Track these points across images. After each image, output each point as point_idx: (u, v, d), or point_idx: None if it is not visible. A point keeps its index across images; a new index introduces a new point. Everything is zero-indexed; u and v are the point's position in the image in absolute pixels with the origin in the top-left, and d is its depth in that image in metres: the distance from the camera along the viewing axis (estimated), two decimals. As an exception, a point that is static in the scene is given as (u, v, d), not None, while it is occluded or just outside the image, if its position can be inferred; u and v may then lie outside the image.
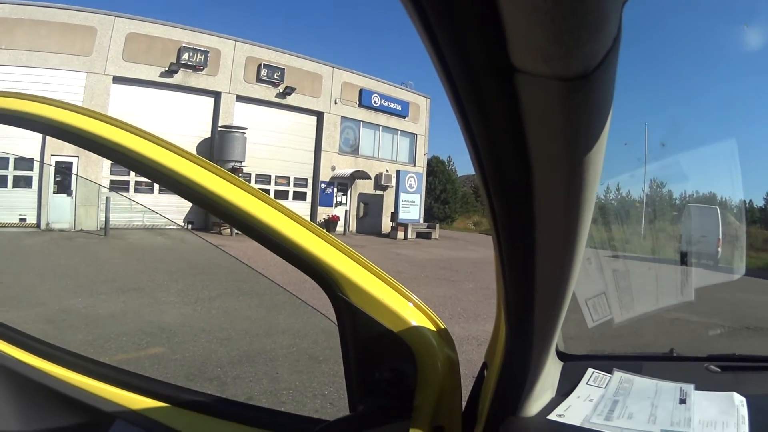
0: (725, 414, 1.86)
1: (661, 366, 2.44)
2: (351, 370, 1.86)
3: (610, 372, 2.22)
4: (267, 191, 37.46)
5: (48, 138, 27.49)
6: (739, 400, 1.95)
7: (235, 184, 1.91)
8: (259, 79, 39.62)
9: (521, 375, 1.69)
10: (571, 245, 1.19)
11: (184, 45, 35.95)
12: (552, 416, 1.82)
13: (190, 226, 34.20)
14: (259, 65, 39.75)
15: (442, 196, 68.36)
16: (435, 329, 1.86)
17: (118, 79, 33.86)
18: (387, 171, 47.61)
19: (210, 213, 2.11)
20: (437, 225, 49.67)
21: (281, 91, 40.75)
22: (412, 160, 51.72)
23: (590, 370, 2.19)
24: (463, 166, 78.92)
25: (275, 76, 40.23)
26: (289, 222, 1.87)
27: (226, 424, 2.13)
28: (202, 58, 36.60)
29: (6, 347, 2.49)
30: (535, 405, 1.83)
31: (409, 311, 1.85)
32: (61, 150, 30.00)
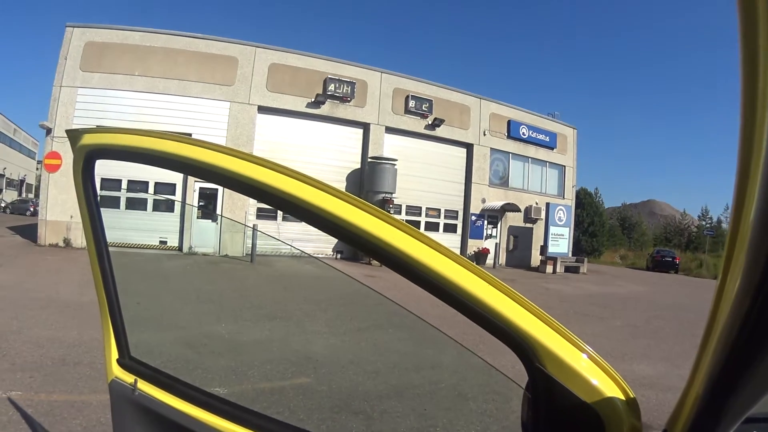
0: None
1: None
2: None
3: None
4: (418, 223, 37.94)
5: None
6: None
7: (382, 218, 1.86)
8: (407, 111, 40.01)
9: None
10: None
11: (329, 76, 36.52)
12: None
13: (339, 256, 34.52)
14: (407, 96, 40.15)
15: (590, 229, 67.62)
16: (624, 398, 1.71)
17: (263, 109, 34.84)
18: (536, 203, 47.46)
19: (354, 247, 2.00)
20: (585, 259, 49.32)
21: (430, 122, 41.06)
22: (561, 193, 51.41)
23: None
24: (610, 197, 78.70)
25: (423, 108, 40.57)
26: (476, 279, 1.77)
27: None
28: (349, 89, 37.20)
29: (156, 392, 2.55)
30: None
31: (601, 380, 1.71)
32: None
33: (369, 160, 37.48)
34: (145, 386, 2.58)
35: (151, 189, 31.69)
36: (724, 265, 1.13)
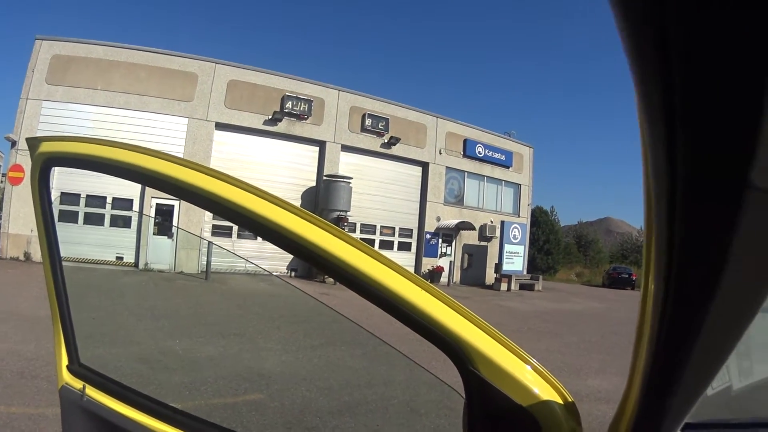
0: None
1: None
2: None
3: None
4: (372, 241, 37.99)
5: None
6: None
7: (336, 234, 1.90)
8: (363, 129, 40.12)
9: None
10: (742, 324, 1.09)
11: (287, 94, 36.54)
12: None
13: (293, 274, 34.46)
14: (364, 115, 40.27)
15: (546, 247, 67.98)
16: (562, 402, 1.78)
17: (220, 126, 34.74)
18: (491, 222, 47.69)
19: (309, 263, 2.00)
20: (540, 276, 49.64)
21: (386, 141, 41.16)
22: (516, 211, 51.68)
23: None
24: (566, 216, 79.39)
25: (380, 126, 40.67)
26: (404, 281, 1.81)
27: None
28: (306, 107, 37.21)
29: (105, 398, 2.56)
30: None
31: (537, 382, 1.77)
32: (161, 193, 30.74)
33: (324, 178, 37.42)
34: (94, 393, 2.59)
35: (108, 204, 31.46)
36: (644, 273, 1.17)
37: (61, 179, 25.17)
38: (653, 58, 0.62)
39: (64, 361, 2.74)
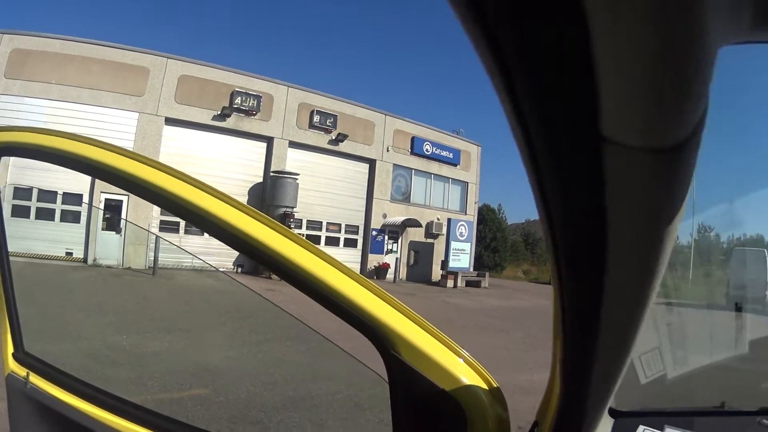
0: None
1: (713, 421, 2.49)
2: (401, 428, 1.83)
3: (661, 429, 2.21)
4: (318, 238, 37.83)
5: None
6: None
7: (280, 232, 1.92)
8: (311, 125, 39.98)
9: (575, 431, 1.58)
10: (639, 309, 1.12)
11: (237, 89, 36.33)
12: None
13: (239, 270, 34.31)
14: (312, 111, 40.16)
15: (492, 245, 68.09)
16: (487, 388, 1.82)
17: (170, 121, 34.42)
18: (438, 219, 47.67)
19: (254, 260, 2.06)
20: (487, 273, 49.71)
21: (333, 137, 41.09)
22: (463, 209, 51.80)
23: (641, 428, 2.18)
24: (514, 214, 78.96)
25: (328, 123, 40.64)
26: (338, 274, 1.84)
27: None
28: (255, 102, 37.00)
29: (49, 387, 2.54)
30: None
31: (462, 369, 1.80)
32: (111, 188, 30.34)
33: (271, 174, 37.30)
34: (38, 381, 2.60)
35: (59, 199, 31.10)
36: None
37: (15, 174, 24.95)
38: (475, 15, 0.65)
39: (10, 349, 2.75)
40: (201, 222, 1.91)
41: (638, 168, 0.75)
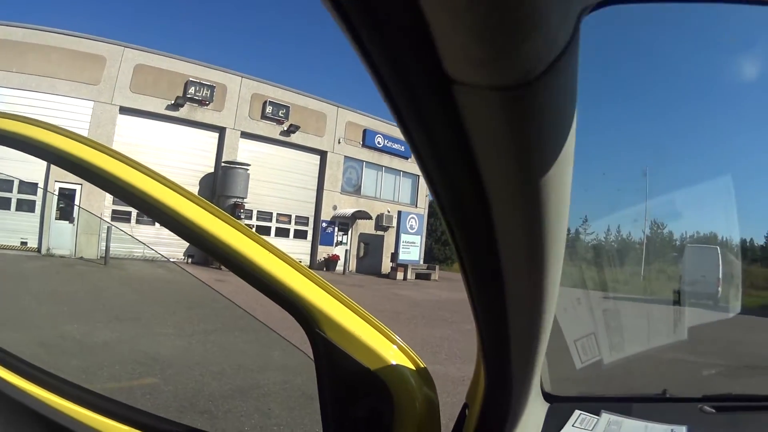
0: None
1: (653, 408, 2.39)
2: (327, 408, 1.82)
3: (598, 414, 2.16)
4: (268, 229, 37.77)
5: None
6: None
7: (217, 215, 1.90)
8: (264, 116, 39.88)
9: (502, 414, 1.64)
10: (541, 277, 1.15)
11: (191, 79, 36.15)
12: None
13: (190, 260, 34.15)
14: (265, 102, 40.14)
15: (443, 238, 67.96)
16: (414, 368, 1.80)
17: (124, 110, 34.11)
18: (388, 211, 47.69)
19: (199, 248, 2.02)
20: (437, 266, 49.67)
21: (285, 129, 41.01)
22: (414, 202, 51.92)
23: (577, 412, 2.13)
24: None
25: (280, 114, 40.57)
26: (268, 255, 1.84)
27: None
28: (209, 92, 36.80)
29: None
30: None
31: (388, 349, 1.79)
32: (65, 177, 30.12)
33: (223, 164, 37.17)
34: None
35: (15, 188, 30.75)
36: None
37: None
38: None
39: None
40: (152, 211, 1.89)
41: (490, 107, 0.76)
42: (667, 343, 4.27)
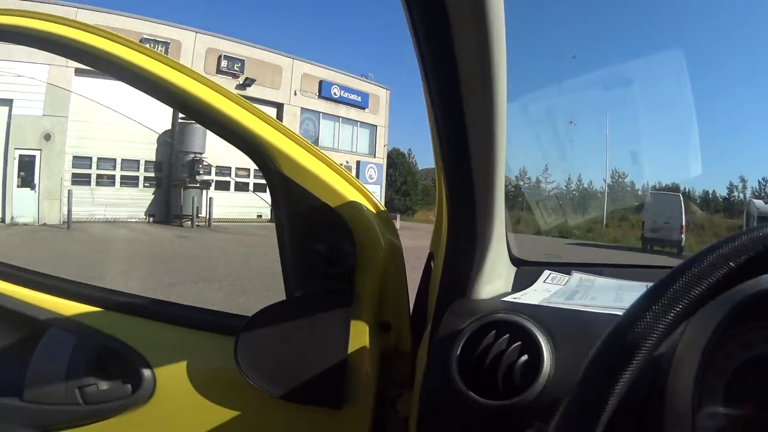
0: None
1: (625, 272, 2.20)
2: (286, 251, 1.83)
3: (569, 274, 2.11)
4: (227, 183, 37.62)
5: (11, 131, 27.73)
6: None
7: (170, 65, 2.10)
8: (219, 71, 39.26)
9: (468, 254, 1.66)
10: (492, 100, 1.22)
11: (144, 36, 35.69)
12: (506, 298, 1.72)
13: (151, 220, 34.08)
14: (220, 56, 39.67)
15: (403, 188, 67.78)
16: (375, 211, 1.84)
17: (80, 71, 33.47)
18: (347, 162, 47.43)
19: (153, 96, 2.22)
20: (398, 215, 49.65)
21: (241, 82, 40.52)
22: (372, 152, 51.58)
23: (547, 271, 2.08)
24: (424, 159, 77.85)
25: (236, 68, 40.13)
26: (224, 100, 1.86)
27: (159, 325, 2.04)
28: (163, 49, 36.15)
29: None
30: (486, 289, 1.75)
31: (347, 188, 1.82)
32: (24, 143, 29.89)
33: (179, 120, 36.68)
34: None
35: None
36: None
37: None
38: None
39: None
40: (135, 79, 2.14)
41: None
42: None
